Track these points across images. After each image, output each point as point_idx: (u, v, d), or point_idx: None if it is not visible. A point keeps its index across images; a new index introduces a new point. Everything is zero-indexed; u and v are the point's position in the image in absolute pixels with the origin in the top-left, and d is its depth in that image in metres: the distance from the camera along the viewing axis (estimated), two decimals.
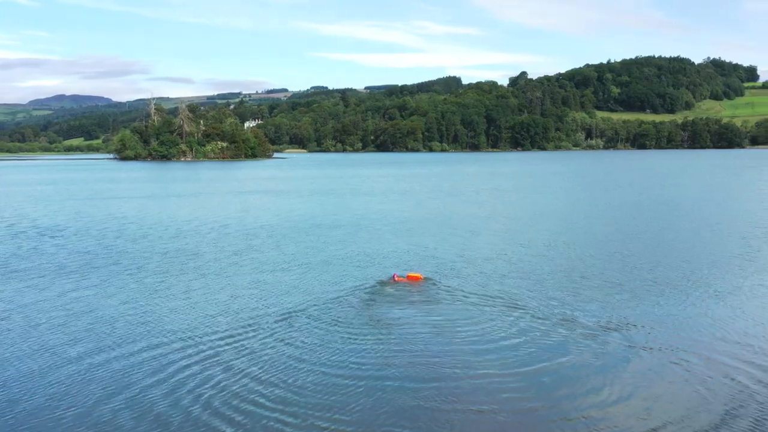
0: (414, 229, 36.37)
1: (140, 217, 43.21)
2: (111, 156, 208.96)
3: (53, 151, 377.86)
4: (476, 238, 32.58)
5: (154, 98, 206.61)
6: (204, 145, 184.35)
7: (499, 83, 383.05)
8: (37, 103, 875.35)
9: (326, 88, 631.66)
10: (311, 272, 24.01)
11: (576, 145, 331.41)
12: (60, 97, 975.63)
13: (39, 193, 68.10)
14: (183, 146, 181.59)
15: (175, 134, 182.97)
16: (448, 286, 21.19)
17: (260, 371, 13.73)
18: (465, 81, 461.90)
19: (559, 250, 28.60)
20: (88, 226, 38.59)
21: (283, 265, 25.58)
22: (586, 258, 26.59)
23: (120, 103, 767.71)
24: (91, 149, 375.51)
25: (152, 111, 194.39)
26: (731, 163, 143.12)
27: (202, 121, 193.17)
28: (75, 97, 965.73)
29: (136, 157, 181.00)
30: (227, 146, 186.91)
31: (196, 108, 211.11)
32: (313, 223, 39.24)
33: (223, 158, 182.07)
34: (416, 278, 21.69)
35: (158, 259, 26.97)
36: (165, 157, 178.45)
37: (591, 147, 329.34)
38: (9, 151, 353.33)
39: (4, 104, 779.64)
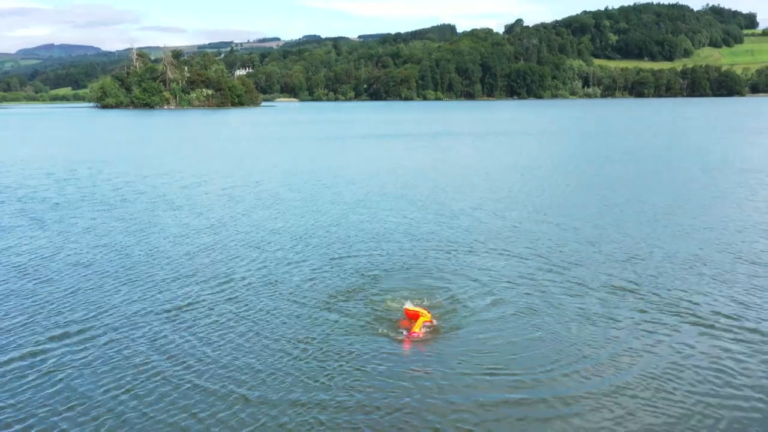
0: (470, 189, 28.18)
1: (91, 170, 35.30)
2: (92, 105, 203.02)
3: (38, 100, 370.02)
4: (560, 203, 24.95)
5: (135, 46, 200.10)
6: (188, 93, 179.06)
7: (495, 31, 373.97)
8: (26, 53, 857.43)
9: (319, 37, 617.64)
10: (312, 263, 15.95)
11: (573, 93, 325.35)
12: (49, 47, 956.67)
13: None
14: (166, 94, 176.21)
15: (158, 81, 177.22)
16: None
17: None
18: (459, 29, 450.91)
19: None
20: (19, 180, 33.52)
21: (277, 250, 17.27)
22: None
23: (109, 52, 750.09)
24: (78, 99, 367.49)
25: (134, 57, 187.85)
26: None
27: (186, 68, 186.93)
28: (64, 47, 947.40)
29: (117, 106, 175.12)
30: (213, 94, 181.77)
31: (180, 54, 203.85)
32: (319, 181, 31.22)
33: (208, 106, 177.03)
34: (415, 315, 12.02)
35: (89, 238, 18.92)
36: (148, 105, 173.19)
37: (588, 95, 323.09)
38: None
39: None
